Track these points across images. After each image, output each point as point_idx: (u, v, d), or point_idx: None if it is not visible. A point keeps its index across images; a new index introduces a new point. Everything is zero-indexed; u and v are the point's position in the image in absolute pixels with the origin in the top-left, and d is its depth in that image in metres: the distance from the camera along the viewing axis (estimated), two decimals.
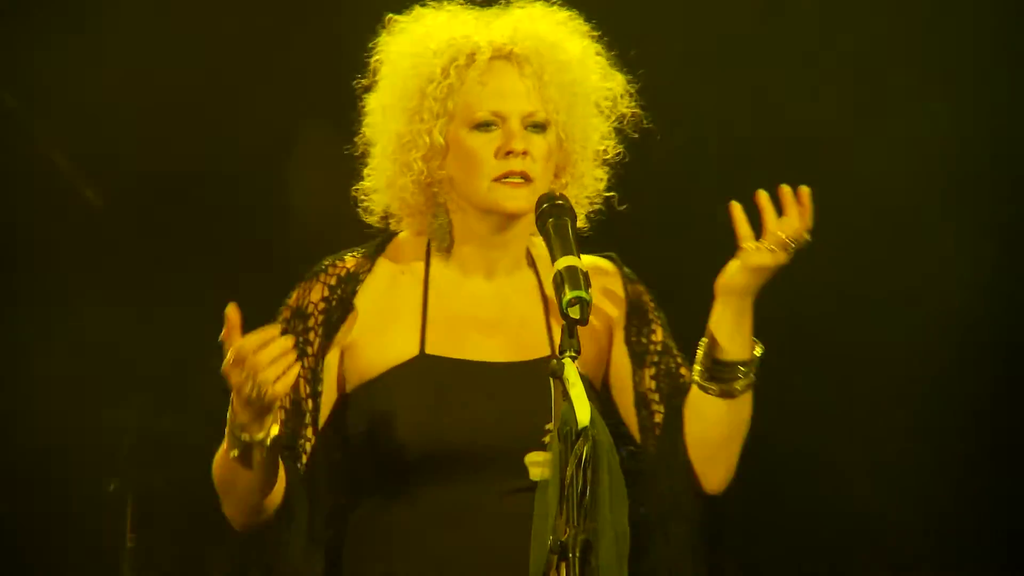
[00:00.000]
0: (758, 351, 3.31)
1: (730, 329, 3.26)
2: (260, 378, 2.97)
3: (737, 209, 3.23)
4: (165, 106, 5.90)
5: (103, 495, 5.95)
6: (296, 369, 3.01)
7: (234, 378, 2.99)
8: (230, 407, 3.06)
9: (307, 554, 3.25)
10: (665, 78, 4.63)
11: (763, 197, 3.22)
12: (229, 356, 2.99)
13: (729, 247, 3.27)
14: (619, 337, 3.40)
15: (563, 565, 2.85)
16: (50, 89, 5.91)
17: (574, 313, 2.96)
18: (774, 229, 3.22)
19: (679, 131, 5.21)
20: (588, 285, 3.01)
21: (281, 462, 3.17)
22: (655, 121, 3.42)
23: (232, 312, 3.00)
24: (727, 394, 3.28)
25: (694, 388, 3.31)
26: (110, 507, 5.96)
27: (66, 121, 5.94)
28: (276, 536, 3.23)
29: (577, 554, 2.85)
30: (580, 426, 2.88)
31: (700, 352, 3.30)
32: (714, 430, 3.31)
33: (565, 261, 3.03)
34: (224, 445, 3.13)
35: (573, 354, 2.93)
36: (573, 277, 3.00)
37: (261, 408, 3.01)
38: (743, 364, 3.28)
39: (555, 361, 2.93)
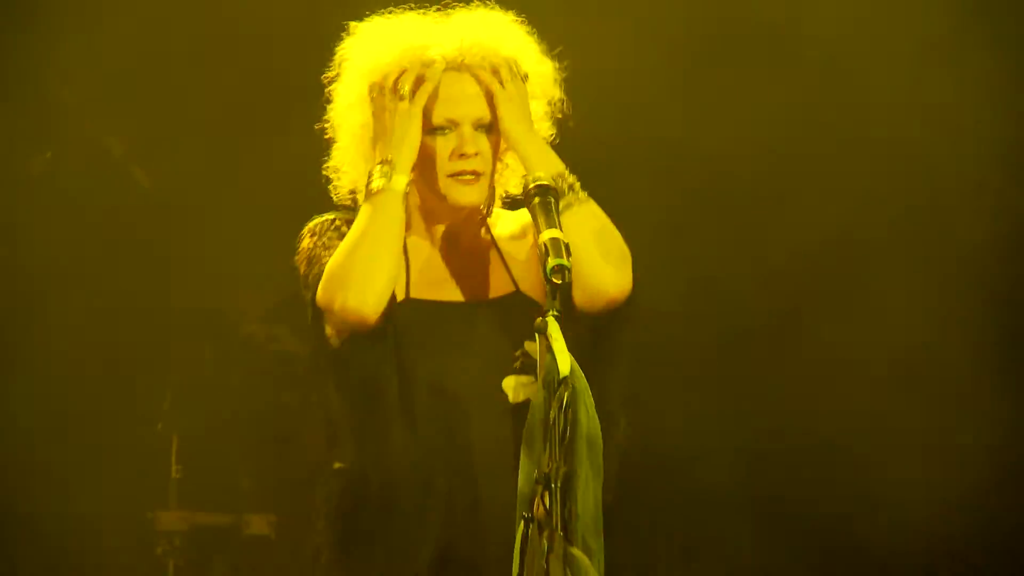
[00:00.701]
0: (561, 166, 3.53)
1: (536, 159, 3.53)
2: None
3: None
4: (211, 90, 6.16)
5: (152, 434, 6.27)
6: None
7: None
8: (382, 156, 3.54)
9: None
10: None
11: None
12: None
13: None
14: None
15: (546, 494, 3.13)
16: (104, 83, 6.12)
17: (556, 278, 3.22)
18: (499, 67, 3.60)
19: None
20: (569, 254, 3.25)
21: None
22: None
23: None
24: (567, 206, 3.49)
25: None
26: (158, 444, 6.29)
27: (117, 109, 6.16)
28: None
29: (558, 484, 3.11)
30: (562, 375, 3.13)
31: (532, 203, 3.44)
32: (580, 249, 3.45)
33: (549, 233, 3.31)
34: (364, 204, 3.52)
35: (556, 313, 3.18)
36: (556, 247, 3.27)
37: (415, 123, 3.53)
38: (561, 178, 3.50)
39: (540, 319, 3.17)
